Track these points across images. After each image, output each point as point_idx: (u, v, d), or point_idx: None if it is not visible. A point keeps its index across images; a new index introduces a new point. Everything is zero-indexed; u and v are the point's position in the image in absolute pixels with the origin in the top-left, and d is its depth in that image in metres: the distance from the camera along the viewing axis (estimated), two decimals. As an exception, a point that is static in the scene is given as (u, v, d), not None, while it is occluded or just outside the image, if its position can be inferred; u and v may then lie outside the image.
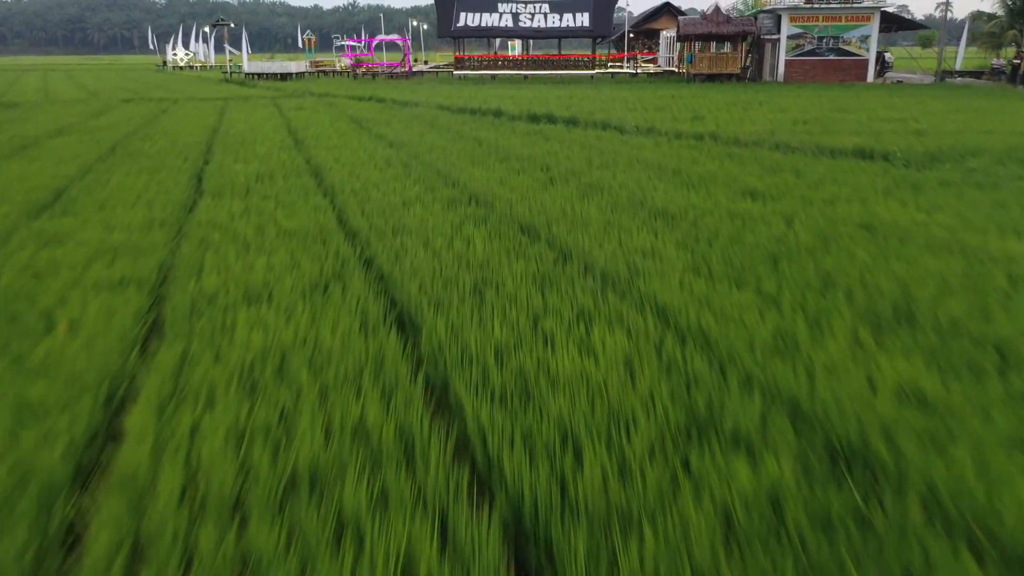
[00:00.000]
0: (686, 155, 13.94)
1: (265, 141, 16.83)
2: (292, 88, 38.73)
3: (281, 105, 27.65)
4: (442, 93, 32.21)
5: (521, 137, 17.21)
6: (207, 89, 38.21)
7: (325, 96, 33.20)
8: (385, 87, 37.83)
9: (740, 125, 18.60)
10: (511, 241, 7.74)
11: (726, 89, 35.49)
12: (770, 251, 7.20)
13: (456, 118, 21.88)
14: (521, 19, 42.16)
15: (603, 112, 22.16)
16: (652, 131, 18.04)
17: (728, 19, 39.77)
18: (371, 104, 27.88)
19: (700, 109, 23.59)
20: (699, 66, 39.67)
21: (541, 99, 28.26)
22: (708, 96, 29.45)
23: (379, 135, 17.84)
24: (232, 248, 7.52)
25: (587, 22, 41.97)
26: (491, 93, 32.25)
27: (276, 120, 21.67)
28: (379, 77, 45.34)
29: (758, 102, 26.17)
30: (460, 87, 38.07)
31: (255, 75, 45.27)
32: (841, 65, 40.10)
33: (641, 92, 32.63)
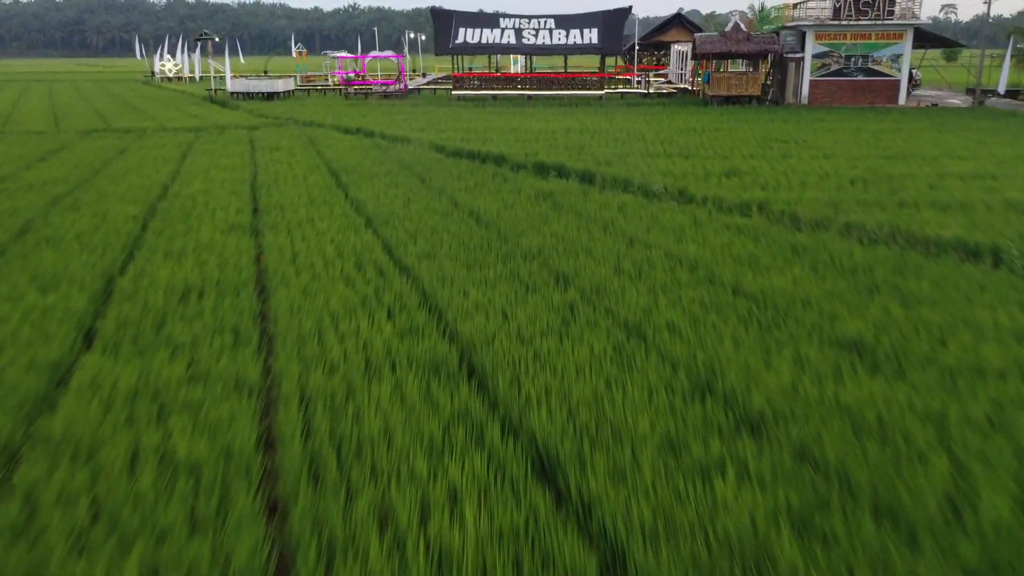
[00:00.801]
0: (740, 250, 10.94)
1: (218, 211, 13.87)
2: (277, 111, 35.77)
3: (256, 141, 24.67)
4: (438, 124, 29.23)
5: (528, 205, 14.23)
6: (183, 113, 35.24)
7: (310, 125, 30.21)
8: (377, 112, 34.86)
9: (788, 185, 15.61)
10: (521, 512, 4.75)
11: (750, 115, 32.48)
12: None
13: (451, 167, 18.89)
14: (524, 36, 39.20)
15: (621, 160, 19.16)
16: (685, 195, 15.05)
17: (748, 37, 36.77)
18: (358, 140, 24.89)
19: (731, 153, 20.60)
20: (717, 87, 36.70)
21: (547, 134, 25.27)
22: (734, 130, 26.44)
23: (357, 201, 14.86)
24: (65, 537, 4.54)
25: (595, 39, 38.98)
26: (491, 124, 29.28)
27: (242, 171, 18.68)
28: (372, 96, 42.35)
29: (794, 140, 23.16)
30: (457, 112, 35.09)
31: (240, 94, 42.32)
32: (871, 86, 37.09)
33: (657, 121, 29.63)
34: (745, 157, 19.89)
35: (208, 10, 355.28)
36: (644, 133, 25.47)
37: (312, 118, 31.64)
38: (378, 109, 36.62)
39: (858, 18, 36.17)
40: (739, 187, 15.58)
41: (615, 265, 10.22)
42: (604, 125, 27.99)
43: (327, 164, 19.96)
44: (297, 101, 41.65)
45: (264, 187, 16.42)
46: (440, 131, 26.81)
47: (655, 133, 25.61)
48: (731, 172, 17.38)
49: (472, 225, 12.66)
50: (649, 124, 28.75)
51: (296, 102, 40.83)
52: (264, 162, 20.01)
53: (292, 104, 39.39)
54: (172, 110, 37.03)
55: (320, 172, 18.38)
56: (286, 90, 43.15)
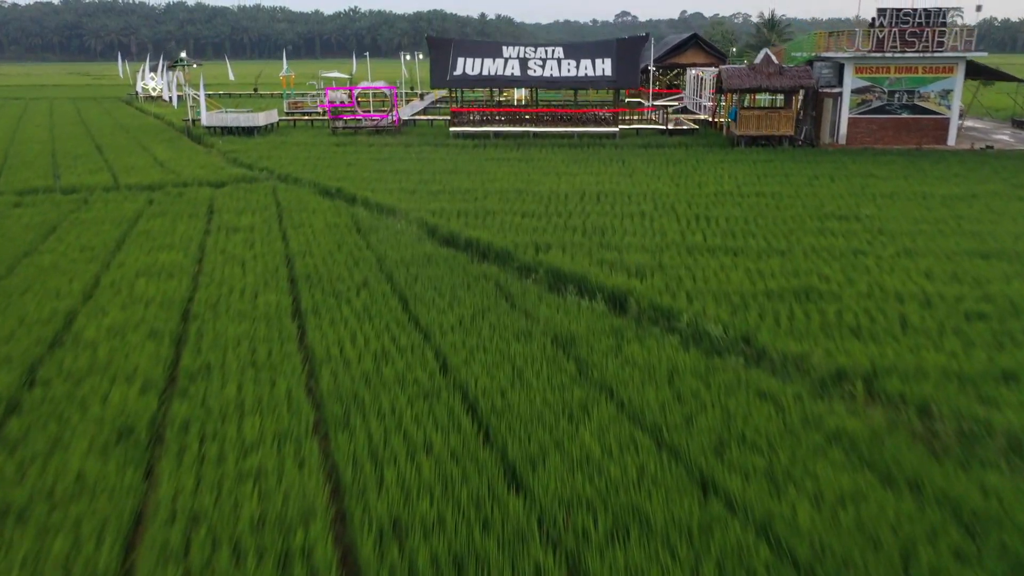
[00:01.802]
0: (880, 519, 7.09)
1: (117, 383, 10.07)
2: (253, 154, 31.92)
3: (216, 213, 20.85)
4: (432, 179, 25.38)
5: (544, 369, 10.40)
6: (148, 158, 31.39)
7: (285, 180, 26.36)
8: (365, 156, 30.97)
9: (886, 326, 11.73)
10: None
11: (786, 163, 28.61)
12: None
13: (443, 273, 15.04)
14: (530, 67, 35.37)
15: (656, 263, 15.27)
16: (753, 347, 11.20)
17: (780, 70, 32.89)
18: (335, 211, 21.03)
19: (789, 244, 16.74)
20: (745, 126, 32.85)
21: (559, 202, 21.41)
22: (778, 194, 22.57)
23: (312, 358, 11.03)
24: None
25: (609, 70, 35.13)
26: (492, 178, 25.46)
27: (180, 278, 14.83)
28: (363, 131, 38.50)
29: (855, 216, 19.27)
30: (455, 155, 31.22)
31: (217, 128, 38.47)
32: (917, 125, 33.21)
33: (685, 177, 25.75)
34: (808, 255, 16.02)
35: (208, 14, 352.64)
36: (673, 201, 21.60)
37: (290, 169, 27.79)
38: (367, 151, 32.76)
39: (903, 50, 32.31)
40: (822, 329, 11.73)
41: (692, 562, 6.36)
42: (624, 185, 24.11)
43: (290, 261, 16.13)
44: (280, 136, 37.78)
45: (198, 319, 12.59)
46: (434, 194, 22.98)
47: (686, 200, 21.76)
48: (801, 292, 13.52)
49: (466, 430, 8.81)
50: (676, 182, 24.89)
51: (278, 139, 36.98)
52: (213, 261, 16.17)
53: (273, 143, 35.54)
54: (137, 152, 33.20)
55: (278, 284, 14.52)
56: (268, 123, 39.28)
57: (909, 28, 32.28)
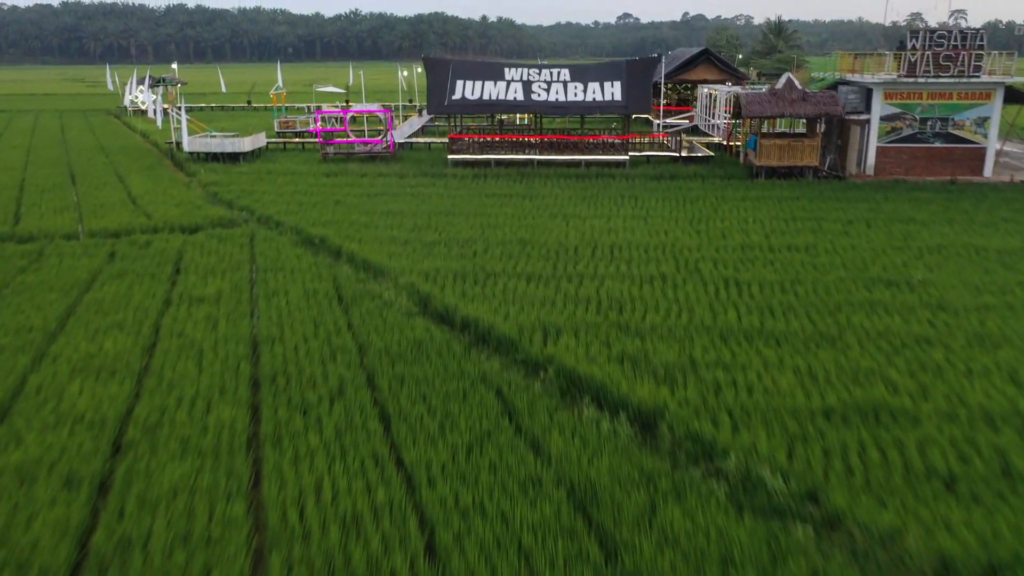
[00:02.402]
0: None
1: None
2: (235, 188, 29.55)
3: (182, 272, 18.49)
4: (426, 224, 22.99)
5: (562, 547, 8.04)
6: (121, 192, 29.02)
7: (266, 223, 24.02)
8: (356, 192, 28.55)
9: (994, 487, 9.36)
10: None
11: (813, 202, 26.24)
12: None
13: (436, 369, 12.66)
14: (534, 90, 32.98)
15: (686, 359, 12.88)
16: (831, 518, 8.82)
17: (804, 96, 30.50)
18: (316, 272, 18.67)
19: (838, 328, 14.36)
20: (766, 156, 30.46)
21: (566, 258, 19.03)
22: (812, 246, 20.18)
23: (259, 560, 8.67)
24: None
25: (619, 95, 32.72)
26: (493, 224, 23.07)
27: (119, 382, 12.46)
28: (355, 157, 36.11)
29: (905, 281, 16.90)
30: (453, 189, 28.84)
31: (200, 154, 36.08)
32: (951, 155, 30.81)
33: (705, 222, 23.36)
34: (864, 344, 13.64)
35: (207, 16, 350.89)
36: (697, 258, 19.22)
37: (272, 209, 25.41)
38: (358, 184, 30.36)
39: (937, 74, 29.91)
40: (906, 481, 9.35)
41: None
42: (640, 234, 21.69)
43: (256, 350, 13.77)
44: (267, 163, 35.36)
45: (131, 453, 10.22)
46: (428, 246, 20.61)
47: (711, 256, 19.38)
48: (869, 410, 11.12)
49: None
50: (696, 228, 22.52)
51: (265, 166, 34.57)
52: (166, 348, 13.80)
53: (258, 171, 33.13)
54: (111, 184, 30.84)
55: (237, 390, 12.14)
56: (255, 148, 36.88)
57: (943, 51, 29.89)
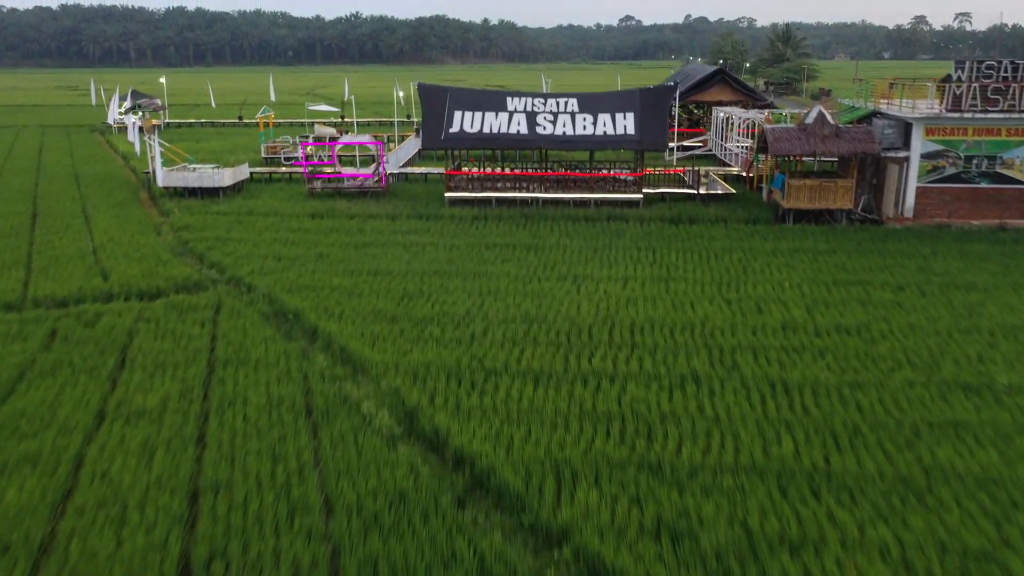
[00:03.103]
0: None
1: None
2: (209, 235, 26.73)
3: (126, 370, 15.66)
4: (418, 307, 20.10)
5: None
6: (81, 238, 26.22)
7: (237, 285, 21.20)
8: (342, 242, 25.66)
9: None
10: None
11: (852, 255, 23.41)
12: None
13: (418, 562, 9.82)
14: (539, 122, 30.13)
15: (727, 499, 10.04)
16: None
17: (837, 132, 27.64)
18: (286, 360, 15.83)
19: (915, 448, 11.50)
20: (795, 198, 27.62)
21: (580, 342, 16.15)
22: (865, 327, 17.32)
23: None
24: None
25: (632, 128, 29.86)
26: (494, 308, 20.20)
27: (5, 572, 9.64)
28: (345, 191, 33.26)
29: (1003, 389, 14.05)
30: (449, 237, 26.01)
31: (178, 189, 33.22)
32: (999, 197, 27.92)
33: (735, 283, 20.51)
34: (962, 502, 10.77)
35: (207, 19, 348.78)
36: (734, 346, 16.37)
37: (246, 267, 22.56)
38: (345, 228, 27.50)
39: (985, 109, 27.06)
40: None
41: None
42: (663, 307, 18.81)
43: (195, 503, 10.93)
44: (248, 200, 32.43)
45: None
46: (419, 325, 17.76)
47: (749, 342, 16.54)
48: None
49: None
50: (725, 296, 19.69)
51: (246, 204, 31.66)
52: (80, 503, 10.95)
53: (238, 211, 30.25)
54: (75, 228, 28.02)
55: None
56: (236, 182, 33.98)
57: (992, 83, 27.04)
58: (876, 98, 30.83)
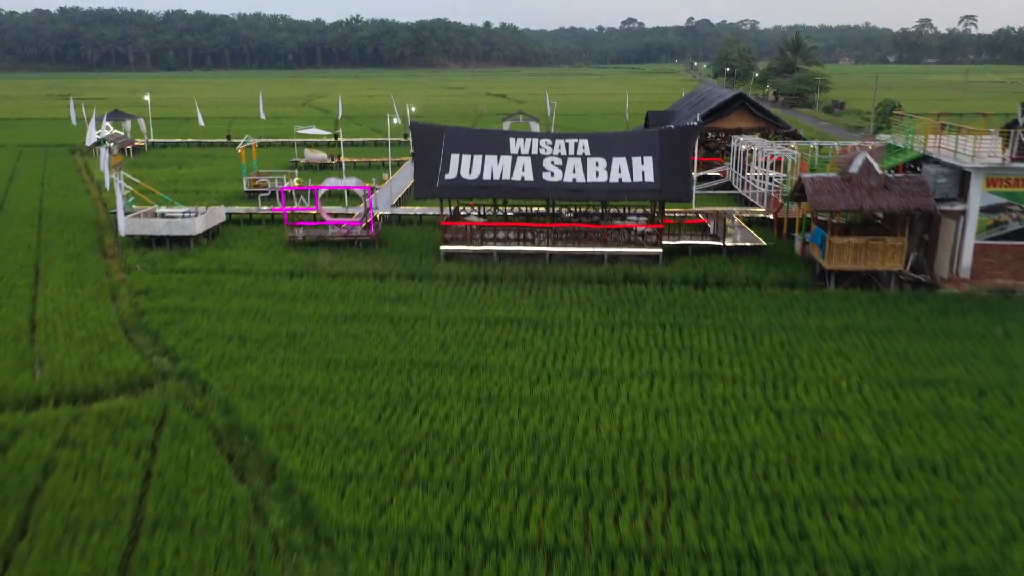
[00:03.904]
0: None
1: None
2: (168, 304, 23.42)
3: (27, 533, 12.31)
4: (402, 422, 16.72)
5: None
6: (24, 303, 22.87)
7: (192, 381, 17.84)
8: (323, 313, 22.34)
9: None
10: None
11: (911, 336, 20.06)
12: None
13: None
14: (547, 167, 26.79)
15: None
16: None
17: (887, 183, 24.29)
18: (231, 520, 12.48)
19: None
20: (837, 257, 24.29)
21: (604, 487, 12.78)
22: (965, 484, 13.95)
23: None
24: None
25: (651, 174, 26.48)
26: (493, 423, 16.83)
27: None
28: (328, 238, 29.90)
29: None
30: (443, 330, 22.68)
31: (144, 238, 29.86)
32: (1071, 257, 24.59)
33: (782, 379, 17.14)
34: None
35: (207, 22, 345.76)
36: (795, 491, 13.01)
37: (204, 357, 19.20)
38: (325, 295, 24.14)
39: (1056, 157, 23.70)
40: None
41: None
42: (699, 426, 15.44)
43: None
44: (221, 252, 28.87)
45: None
46: (403, 456, 14.40)
47: (812, 486, 13.15)
48: None
49: None
50: (775, 403, 16.29)
51: (218, 257, 28.20)
52: None
53: (208, 266, 26.86)
54: (18, 290, 24.69)
55: None
56: (209, 228, 30.60)
57: (1065, 129, 23.66)
58: (924, 139, 27.40)
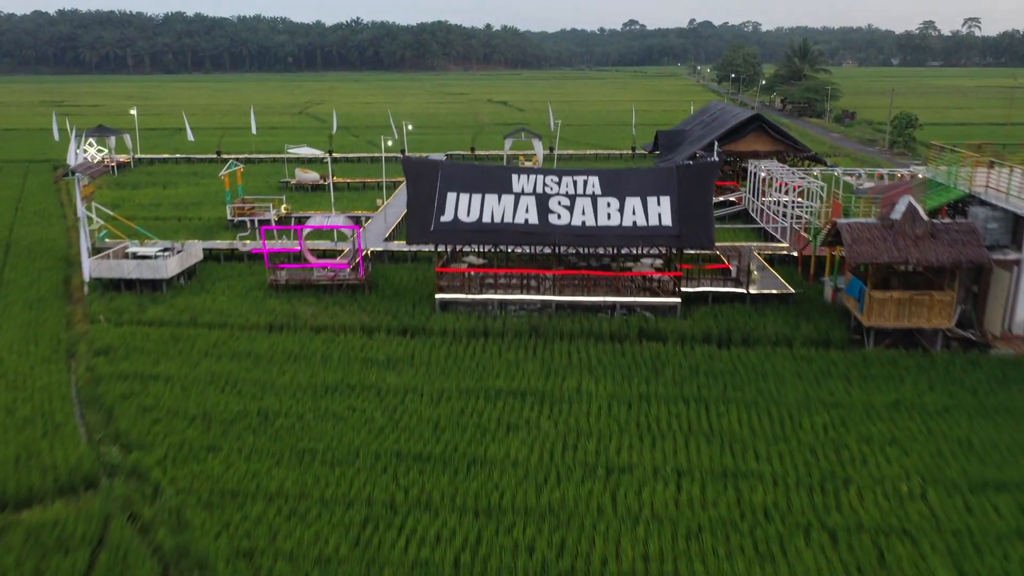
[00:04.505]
0: None
1: None
2: (128, 370, 20.87)
3: None
4: (388, 537, 14.11)
5: None
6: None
7: (139, 483, 15.27)
8: (300, 379, 19.80)
9: None
10: None
11: (969, 405, 17.51)
12: None
13: None
14: (552, 208, 24.20)
15: None
16: None
17: (933, 231, 21.73)
18: None
19: None
20: (879, 314, 21.74)
21: None
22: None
23: None
24: None
25: (668, 217, 23.86)
26: (496, 548, 14.28)
27: None
28: (313, 282, 27.35)
29: None
30: (436, 404, 20.13)
31: (111, 281, 27.26)
32: None
33: (831, 480, 14.56)
34: None
35: (206, 25, 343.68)
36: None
37: (159, 450, 16.64)
38: (306, 356, 21.59)
39: (1123, 203, 21.13)
40: None
41: None
42: (738, 558, 12.88)
43: None
44: (195, 299, 26.25)
45: None
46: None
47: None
48: None
49: None
50: (822, 515, 13.72)
51: (190, 306, 25.56)
52: None
53: (177, 322, 24.17)
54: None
55: None
56: (183, 270, 28.00)
57: None
58: (971, 177, 24.80)
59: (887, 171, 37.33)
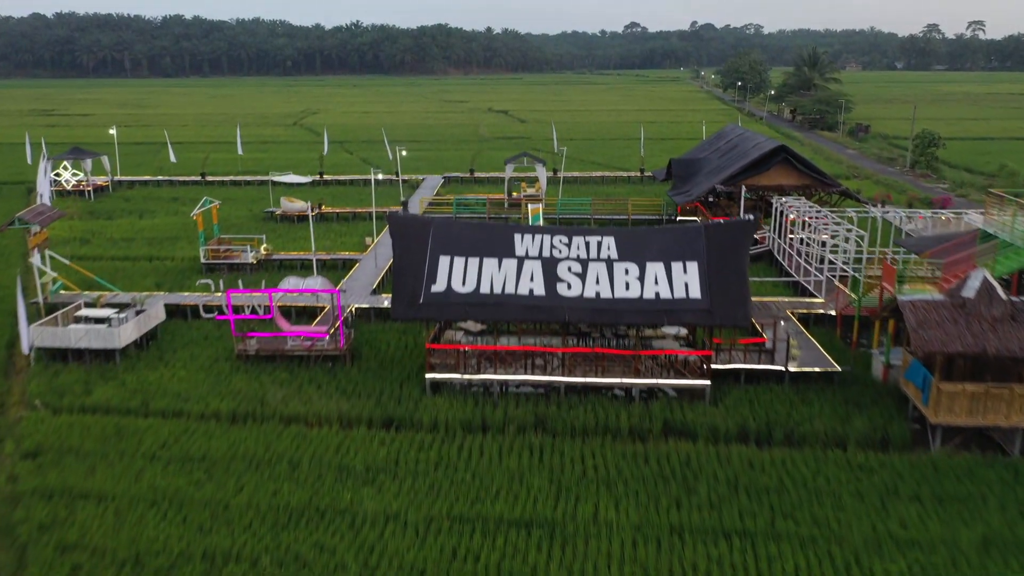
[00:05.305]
0: None
1: None
2: (54, 488, 17.52)
3: None
4: None
5: None
6: None
7: None
8: (261, 494, 16.41)
9: None
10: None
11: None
12: None
13: None
14: (562, 276, 20.82)
15: None
16: None
17: (1014, 312, 18.35)
18: None
19: None
20: (948, 409, 18.39)
21: None
22: None
23: None
24: None
25: (697, 288, 20.33)
26: None
27: None
28: (287, 352, 23.94)
29: None
30: (417, 557, 16.74)
31: (51, 350, 23.77)
32: None
33: None
34: None
35: (204, 28, 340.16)
36: None
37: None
38: (269, 461, 18.18)
39: None
40: None
41: None
42: None
43: None
44: (151, 374, 22.98)
45: None
46: None
47: None
48: None
49: None
50: None
51: (145, 382, 22.32)
52: None
53: (126, 407, 20.85)
54: None
55: None
56: (142, 335, 24.62)
57: None
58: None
59: (929, 213, 33.92)
